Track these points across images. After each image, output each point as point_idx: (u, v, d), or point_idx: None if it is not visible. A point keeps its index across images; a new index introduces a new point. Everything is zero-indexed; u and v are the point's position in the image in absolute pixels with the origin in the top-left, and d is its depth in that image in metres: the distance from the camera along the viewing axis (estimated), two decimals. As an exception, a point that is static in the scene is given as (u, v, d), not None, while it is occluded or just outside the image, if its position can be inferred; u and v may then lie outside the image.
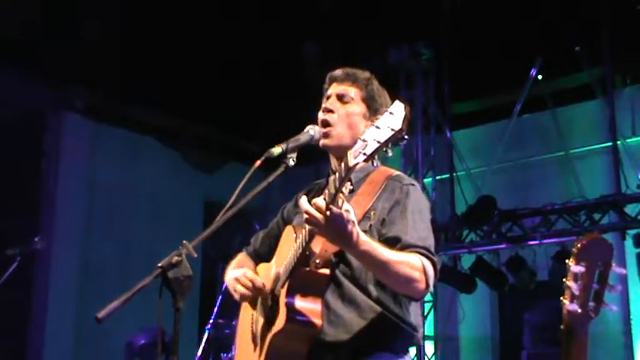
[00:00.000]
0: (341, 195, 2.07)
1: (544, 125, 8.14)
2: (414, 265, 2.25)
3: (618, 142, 7.18)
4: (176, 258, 1.92)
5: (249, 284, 2.53)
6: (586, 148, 7.94)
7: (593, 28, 7.11)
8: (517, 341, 7.56)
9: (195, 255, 1.96)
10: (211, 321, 5.88)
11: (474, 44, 7.40)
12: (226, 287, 6.85)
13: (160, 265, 1.90)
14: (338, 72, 2.65)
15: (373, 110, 2.58)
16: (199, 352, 5.78)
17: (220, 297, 6.23)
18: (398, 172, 2.57)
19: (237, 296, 2.59)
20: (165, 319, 1.88)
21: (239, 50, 7.41)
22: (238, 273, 2.59)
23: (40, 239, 5.08)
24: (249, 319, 2.66)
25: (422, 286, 2.26)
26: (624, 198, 6.86)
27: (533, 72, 7.74)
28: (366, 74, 2.64)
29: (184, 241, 1.96)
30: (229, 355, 5.71)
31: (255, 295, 2.56)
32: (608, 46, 7.19)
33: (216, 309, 6.06)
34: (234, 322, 5.90)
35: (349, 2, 7.13)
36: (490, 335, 8.50)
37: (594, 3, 6.95)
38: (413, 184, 2.51)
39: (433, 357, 8.10)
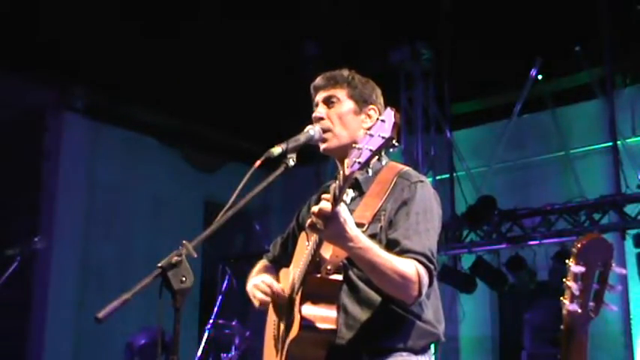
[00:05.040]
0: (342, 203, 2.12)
1: (544, 125, 8.14)
2: (407, 272, 2.25)
3: (618, 142, 7.18)
4: (176, 258, 1.91)
5: (267, 290, 2.52)
6: (586, 148, 7.94)
7: (593, 28, 7.10)
8: (517, 341, 7.55)
9: (195, 255, 1.95)
10: (211, 321, 5.90)
11: (474, 44, 7.40)
12: (226, 287, 6.90)
13: (159, 265, 1.90)
14: (318, 80, 2.65)
15: (362, 102, 2.59)
16: (199, 352, 5.80)
17: (220, 297, 6.25)
18: (407, 169, 2.55)
19: (256, 303, 2.57)
20: (165, 319, 1.88)
21: (239, 50, 7.41)
22: (257, 280, 2.59)
23: (40, 239, 5.07)
24: (273, 323, 2.67)
25: (414, 293, 2.27)
26: (624, 198, 6.85)
27: (533, 72, 7.74)
28: (345, 72, 2.63)
29: (184, 241, 1.96)
30: (229, 355, 5.71)
31: (275, 300, 2.56)
32: (608, 46, 7.19)
33: (216, 309, 6.08)
34: (234, 323, 5.92)
35: (349, 2, 7.13)
36: (490, 335, 8.50)
37: (594, 3, 6.95)
38: (421, 181, 2.49)
39: (433, 357, 8.11)
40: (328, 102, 2.58)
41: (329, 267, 2.30)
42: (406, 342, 2.39)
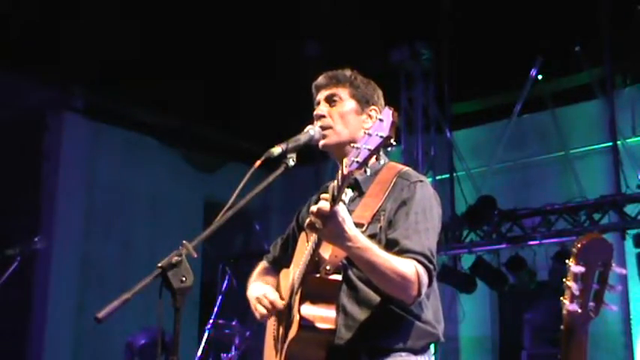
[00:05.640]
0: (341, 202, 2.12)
1: (544, 125, 8.14)
2: (406, 271, 2.24)
3: (618, 142, 7.18)
4: (176, 258, 1.91)
5: (270, 307, 2.51)
6: (586, 148, 7.94)
7: (593, 28, 7.11)
8: (517, 341, 7.55)
9: (195, 255, 1.95)
10: (211, 321, 5.89)
11: (473, 44, 7.40)
12: (226, 287, 6.87)
13: (159, 265, 1.89)
14: (320, 79, 2.65)
15: (364, 102, 2.59)
16: (199, 352, 5.80)
17: (220, 297, 6.25)
18: (406, 169, 2.54)
19: (257, 316, 2.56)
20: (165, 319, 1.88)
21: (239, 50, 7.41)
22: (259, 292, 2.56)
23: (40, 239, 5.07)
24: (273, 323, 2.67)
25: (413, 293, 2.26)
26: (624, 198, 6.85)
27: (533, 72, 7.75)
28: (347, 72, 2.63)
29: (184, 241, 1.95)
30: (229, 355, 5.71)
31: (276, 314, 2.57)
32: (608, 46, 7.19)
33: (216, 309, 6.07)
34: (234, 323, 5.92)
35: (349, 2, 7.14)
36: (490, 335, 8.49)
37: (594, 3, 6.95)
38: (421, 181, 2.48)
39: (433, 357, 8.10)
40: (330, 100, 2.58)
41: (328, 267, 2.29)
42: (405, 342, 2.39)
